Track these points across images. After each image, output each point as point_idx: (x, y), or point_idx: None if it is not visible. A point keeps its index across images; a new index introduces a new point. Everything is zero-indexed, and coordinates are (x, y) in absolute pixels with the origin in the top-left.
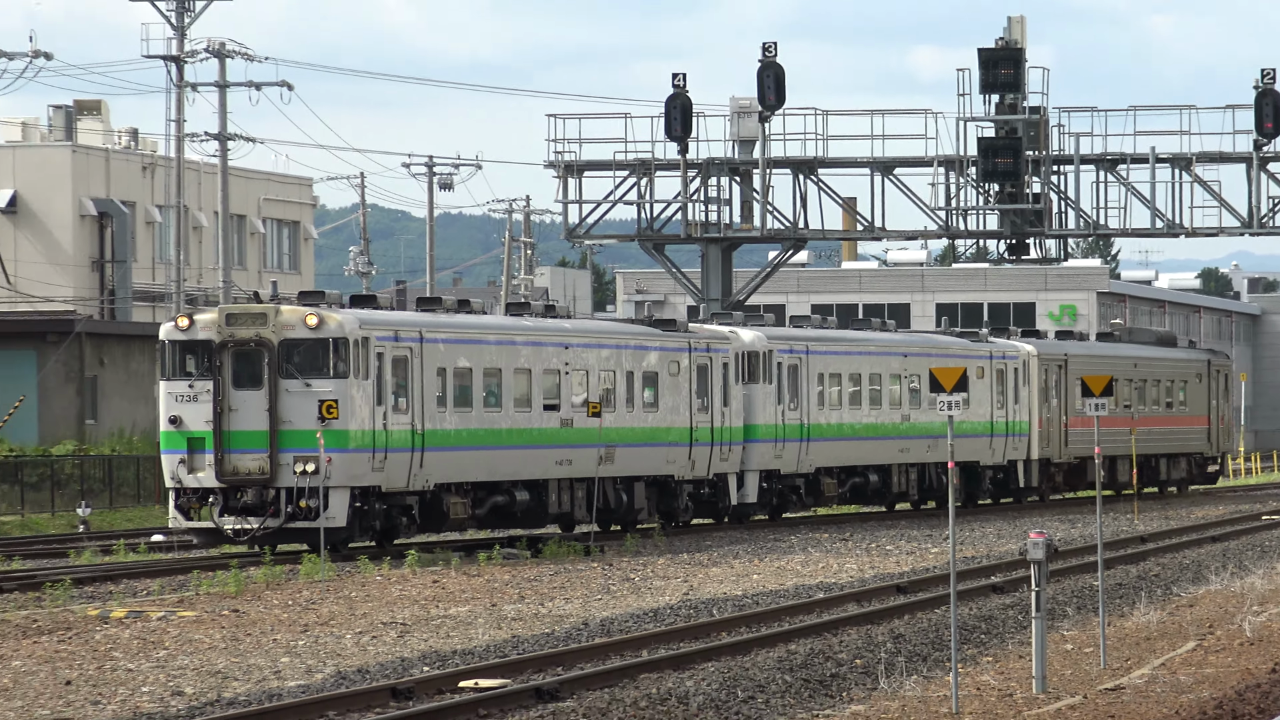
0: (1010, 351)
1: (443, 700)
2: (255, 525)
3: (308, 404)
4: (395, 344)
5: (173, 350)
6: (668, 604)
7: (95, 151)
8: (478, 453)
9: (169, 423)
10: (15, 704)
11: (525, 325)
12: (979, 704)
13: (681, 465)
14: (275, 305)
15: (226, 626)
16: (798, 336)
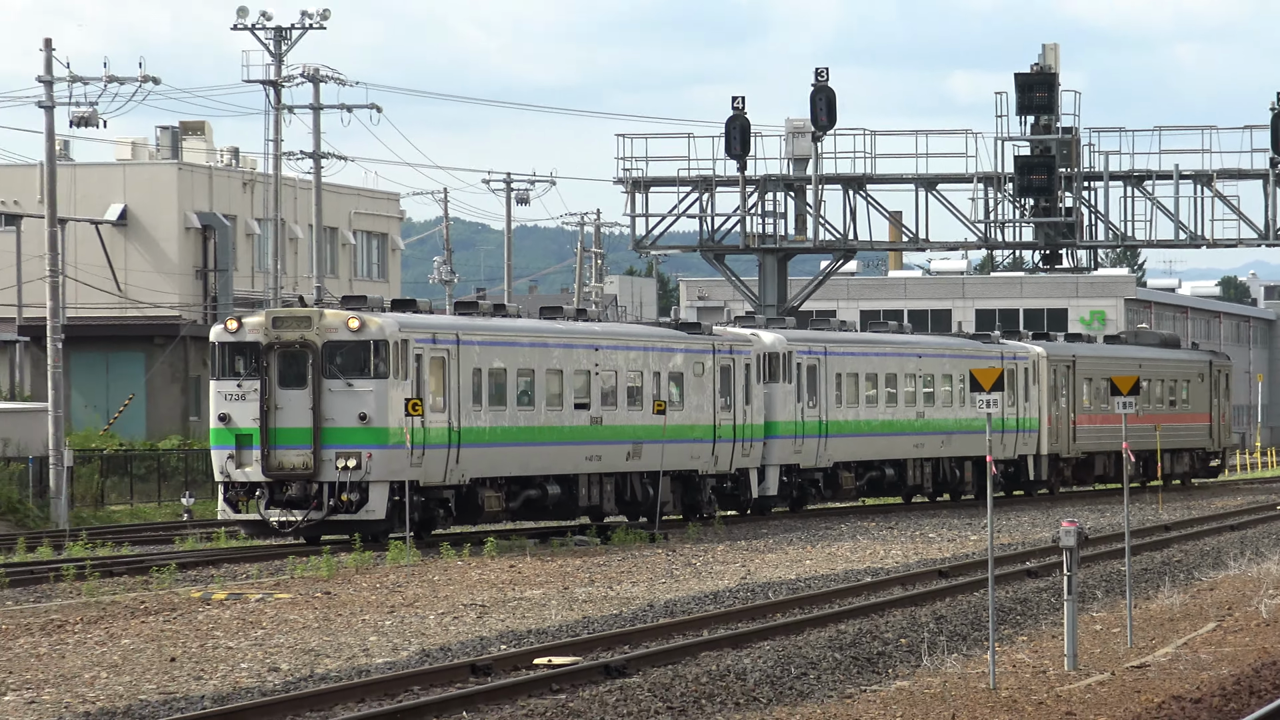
0: (1021, 353)
1: (518, 676)
2: (299, 518)
3: (350, 403)
4: (433, 346)
5: (222, 351)
6: (726, 587)
7: (199, 169)
8: (511, 449)
9: (218, 420)
10: (124, 679)
11: (557, 328)
12: (1015, 680)
13: (705, 460)
14: (319, 309)
15: (319, 608)
16: (816, 338)
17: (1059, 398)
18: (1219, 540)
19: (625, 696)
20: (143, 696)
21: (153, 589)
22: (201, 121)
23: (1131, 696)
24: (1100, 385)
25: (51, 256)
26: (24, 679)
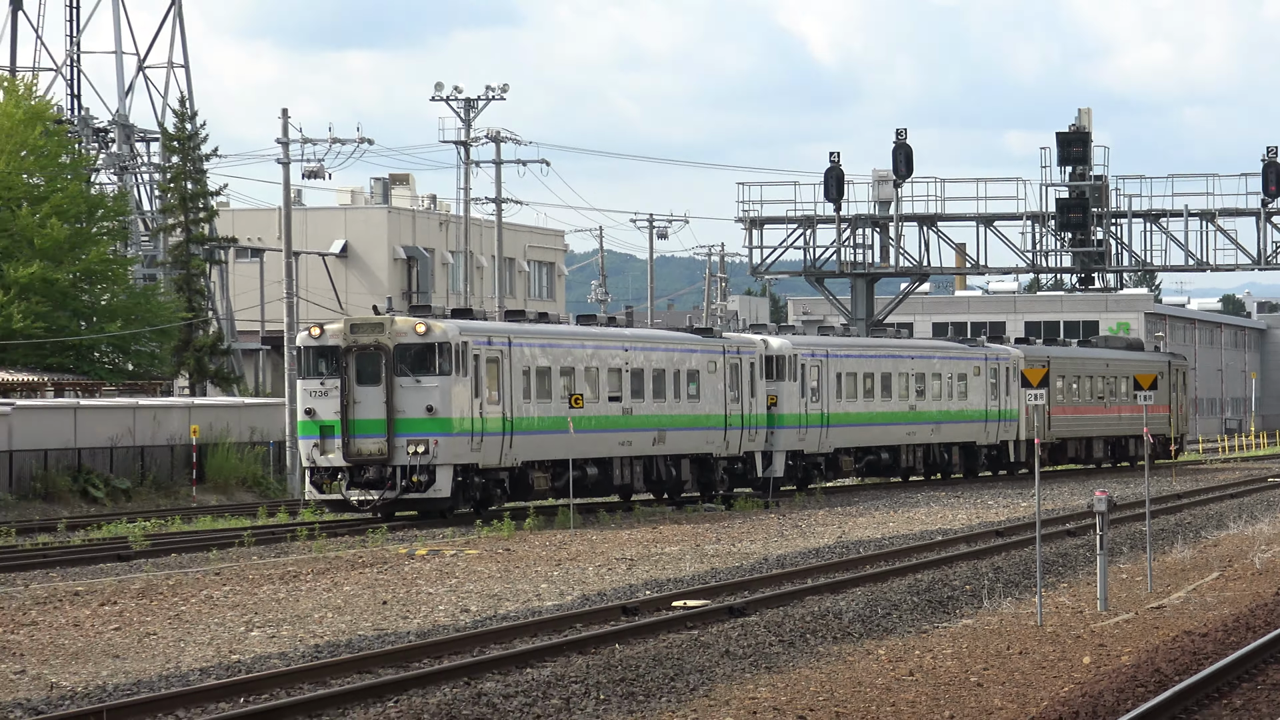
0: (1002, 354)
1: (660, 616)
2: (375, 497)
3: (418, 397)
4: (489, 347)
5: (307, 354)
6: (826, 544)
7: (404, 211)
8: (556, 435)
9: (304, 414)
10: (346, 618)
11: (593, 332)
12: (1057, 619)
13: (718, 445)
14: (391, 316)
15: (501, 561)
16: (819, 343)
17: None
18: (1221, 506)
19: (745, 632)
20: (360, 632)
21: (368, 546)
22: (406, 174)
23: (1151, 631)
24: (1071, 382)
25: (287, 282)
26: (267, 618)
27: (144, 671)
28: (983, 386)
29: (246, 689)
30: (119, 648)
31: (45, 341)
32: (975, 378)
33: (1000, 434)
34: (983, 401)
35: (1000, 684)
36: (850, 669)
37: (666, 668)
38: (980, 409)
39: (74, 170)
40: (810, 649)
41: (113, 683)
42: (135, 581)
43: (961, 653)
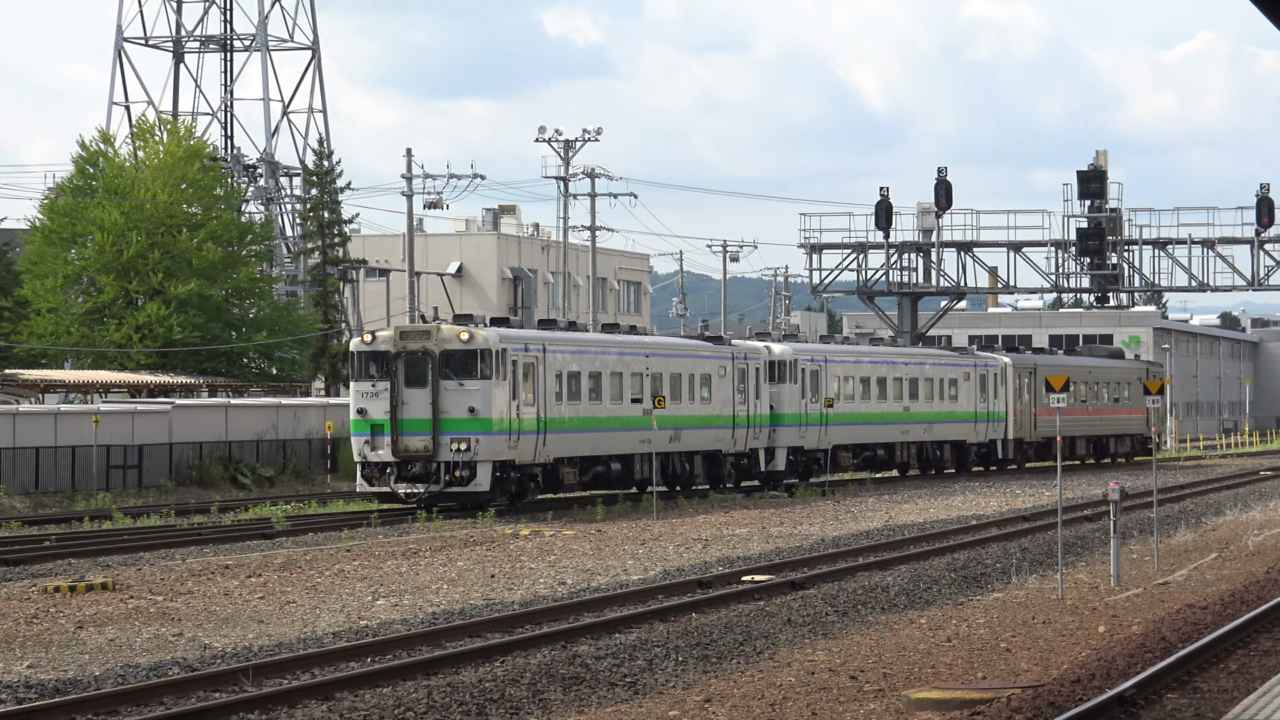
0: (991, 362)
1: (731, 589)
2: (421, 489)
3: (461, 398)
4: (525, 353)
5: (360, 359)
6: (875, 527)
7: (511, 238)
8: (584, 434)
9: (357, 413)
10: (459, 589)
11: (617, 340)
12: (1076, 593)
13: (726, 442)
14: (437, 324)
15: (593, 541)
16: (819, 350)
17: (1023, 396)
18: (1219, 496)
19: (805, 603)
20: (472, 601)
21: (478, 527)
22: (513, 205)
23: (1158, 604)
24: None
25: (410, 299)
26: (390, 589)
27: (284, 634)
28: (973, 390)
29: (373, 650)
30: (263, 614)
31: (201, 349)
32: (965, 382)
33: (989, 433)
34: (972, 404)
35: (1026, 649)
36: (896, 636)
37: (736, 634)
38: (970, 410)
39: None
40: (861, 618)
41: (257, 644)
42: (277, 557)
43: (992, 622)
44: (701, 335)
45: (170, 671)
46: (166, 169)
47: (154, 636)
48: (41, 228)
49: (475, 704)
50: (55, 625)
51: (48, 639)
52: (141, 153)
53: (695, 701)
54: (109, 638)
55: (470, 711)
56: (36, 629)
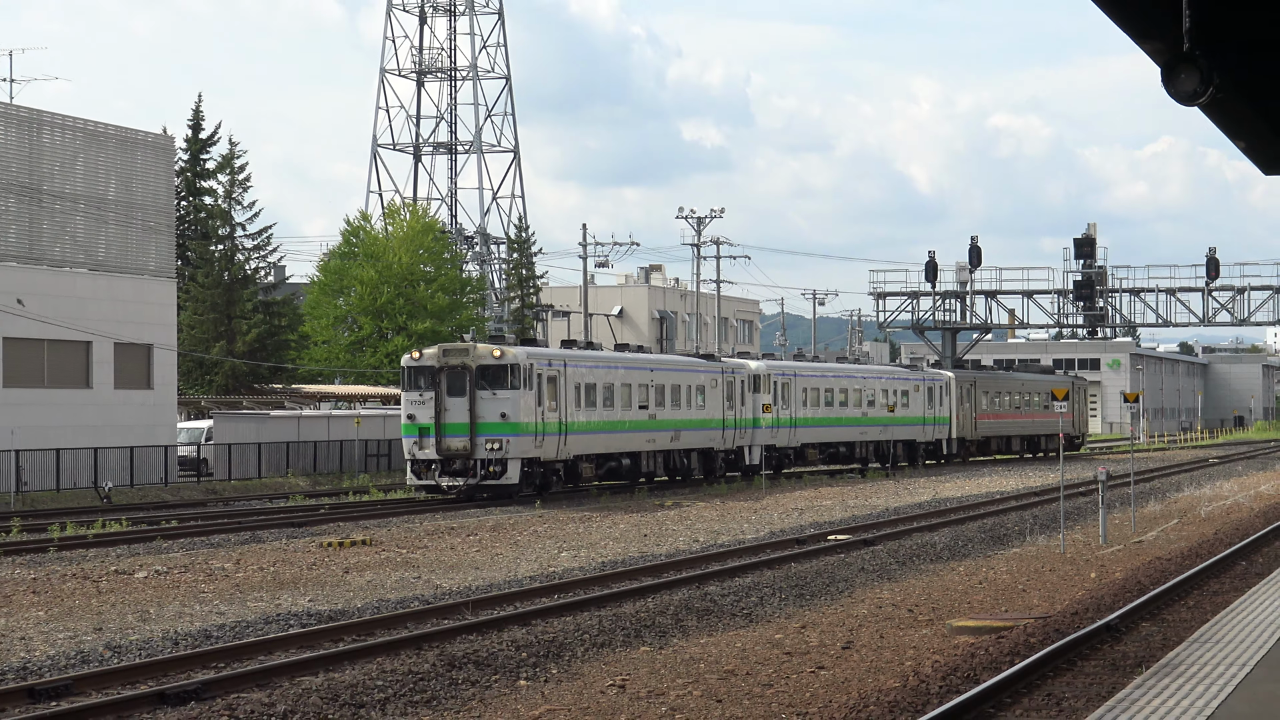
0: (938, 376)
1: (819, 545)
2: (461, 483)
3: (494, 406)
4: (549, 367)
5: (409, 373)
6: (925, 500)
7: (658, 288)
8: (599, 435)
9: (407, 418)
10: (619, 545)
11: (625, 357)
12: (1073, 548)
13: (717, 441)
14: (474, 344)
15: (718, 511)
16: (788, 366)
17: (964, 404)
18: (1179, 478)
19: (873, 555)
20: (630, 554)
21: (634, 499)
22: (660, 264)
23: (1135, 556)
24: (994, 396)
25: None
26: (571, 544)
27: (494, 578)
28: (921, 399)
29: (559, 589)
30: (478, 562)
31: None
32: (915, 393)
33: (935, 434)
34: (922, 411)
35: (1037, 589)
36: (941, 580)
37: (824, 578)
38: (920, 415)
39: (452, 262)
40: (915, 567)
41: (474, 585)
42: (489, 521)
43: (1012, 570)
44: (698, 353)
45: (412, 604)
46: (409, 239)
47: (400, 579)
48: (318, 282)
49: (634, 629)
50: (328, 571)
51: (323, 580)
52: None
53: (794, 627)
54: (367, 580)
55: (630, 636)
56: (315, 573)
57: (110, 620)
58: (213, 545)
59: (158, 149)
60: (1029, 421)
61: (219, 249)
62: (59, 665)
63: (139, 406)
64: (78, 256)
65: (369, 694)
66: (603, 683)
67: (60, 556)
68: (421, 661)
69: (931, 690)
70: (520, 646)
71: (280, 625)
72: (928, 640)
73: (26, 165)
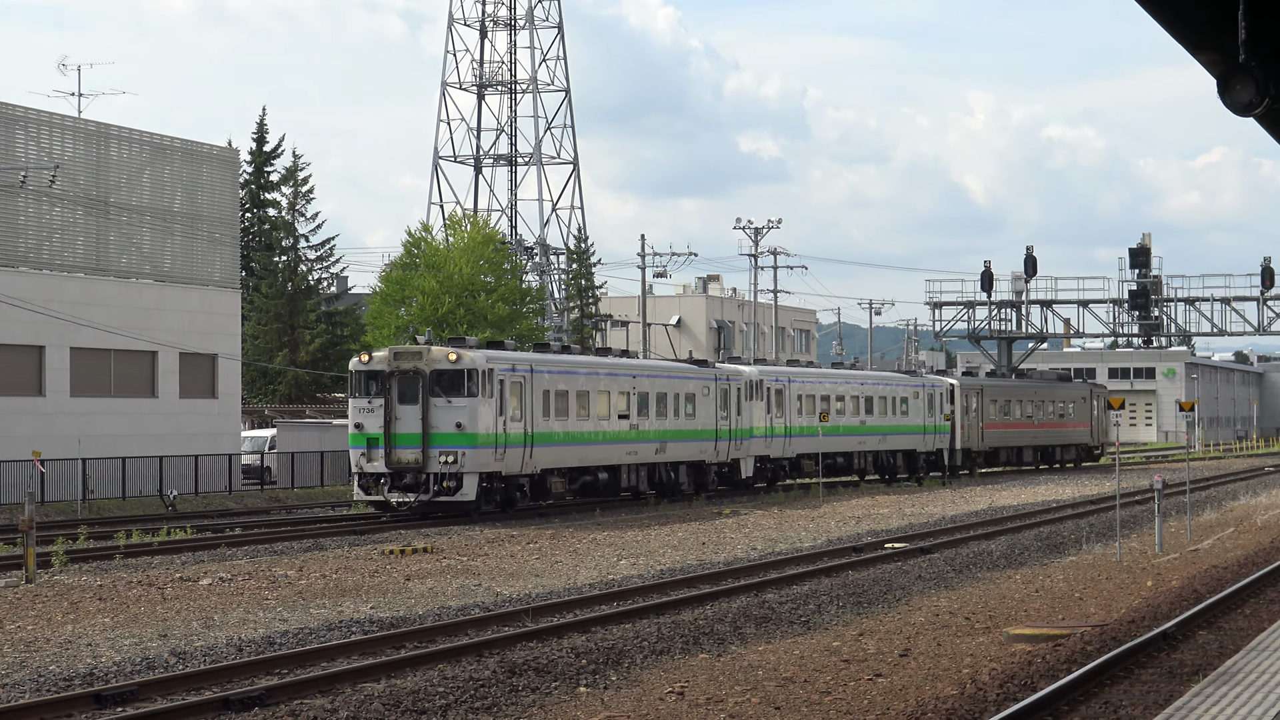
0: (938, 382)
1: (877, 553)
2: (412, 499)
3: (449, 415)
4: (512, 373)
5: (357, 377)
6: (981, 508)
7: (716, 298)
8: (571, 448)
9: (354, 427)
10: (679, 552)
11: (605, 362)
12: (1129, 556)
13: (709, 453)
14: (428, 346)
15: (776, 519)
16: (783, 372)
17: (970, 411)
18: (1235, 486)
19: (931, 563)
20: (689, 561)
21: (693, 508)
22: (718, 274)
23: (1191, 565)
24: (1003, 403)
25: (643, 344)
26: (630, 552)
27: (553, 585)
28: (922, 407)
29: (617, 597)
30: (538, 570)
31: None
32: (915, 400)
33: (936, 443)
34: (922, 419)
35: (1094, 598)
36: (998, 587)
37: (881, 586)
38: (920, 424)
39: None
40: (972, 575)
41: (534, 592)
42: (548, 529)
43: (1069, 578)
44: (691, 359)
45: (473, 611)
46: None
47: (460, 586)
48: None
49: (692, 636)
50: (390, 578)
51: (384, 588)
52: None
53: (851, 635)
54: (428, 587)
55: (689, 642)
56: (377, 580)
57: (175, 627)
58: (276, 553)
59: (223, 162)
60: (1043, 431)
61: (283, 260)
62: (125, 671)
63: (204, 415)
64: (144, 268)
65: (431, 700)
66: (662, 690)
67: (126, 564)
68: (482, 668)
69: (989, 698)
70: (580, 653)
71: (343, 632)
72: (985, 648)
73: (94, 178)
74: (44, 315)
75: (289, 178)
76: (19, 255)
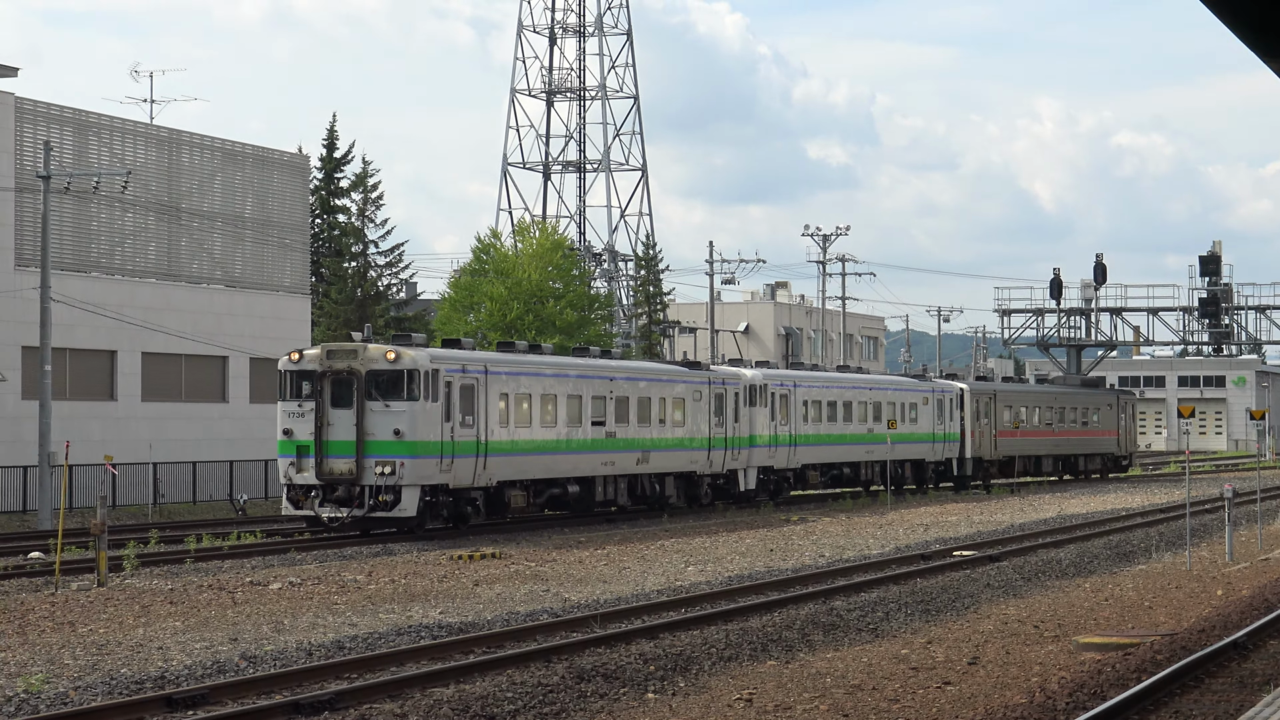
0: (948, 388)
1: (945, 561)
2: (345, 514)
3: (386, 420)
4: (462, 375)
5: (287, 378)
6: (1050, 516)
7: (784, 305)
8: (535, 457)
9: (283, 433)
10: (746, 559)
11: (577, 363)
12: (1199, 565)
13: (701, 463)
14: (364, 343)
15: (843, 526)
16: (788, 375)
17: (981, 419)
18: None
19: (999, 571)
20: (757, 568)
21: (760, 514)
22: (786, 281)
23: (1262, 574)
24: (1019, 410)
25: (711, 350)
26: (697, 559)
27: (621, 591)
28: (931, 413)
29: (685, 603)
30: (606, 576)
31: None
32: (924, 406)
33: (945, 452)
34: (930, 427)
35: (1163, 606)
36: (1067, 596)
37: (949, 594)
38: (929, 432)
39: (580, 279)
40: (1041, 583)
41: (602, 598)
42: (615, 536)
43: (1139, 586)
44: (684, 361)
45: (541, 617)
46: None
47: (529, 592)
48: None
49: (760, 643)
50: (458, 583)
51: (453, 593)
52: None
53: (920, 643)
54: (496, 592)
55: (757, 650)
56: (445, 585)
57: (245, 631)
58: (345, 557)
59: (293, 168)
60: (1064, 440)
61: (352, 265)
62: (196, 674)
63: (274, 420)
64: (215, 273)
65: (499, 705)
66: (729, 696)
67: (197, 568)
68: (551, 674)
69: (1058, 707)
70: (648, 660)
71: (411, 637)
72: (1054, 656)
73: (165, 184)
74: (116, 320)
75: (359, 184)
76: (92, 261)
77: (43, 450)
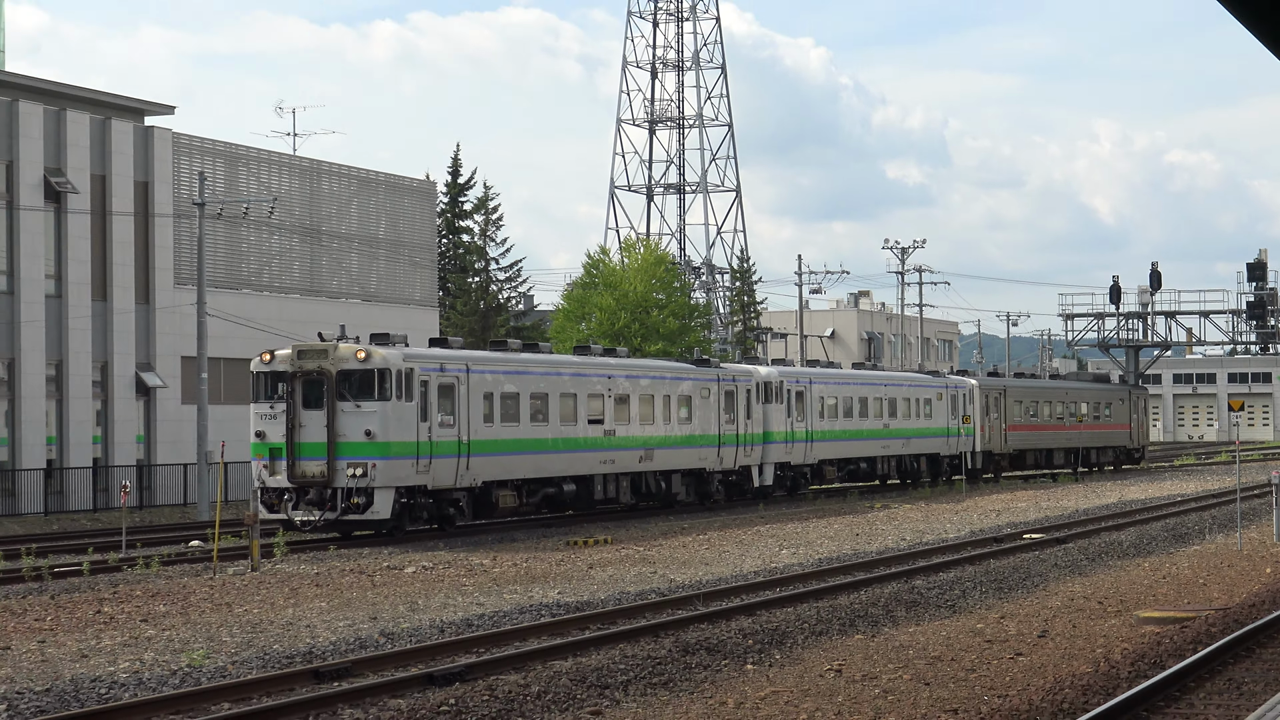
0: (961, 384)
1: (1015, 543)
2: (317, 517)
3: (358, 421)
4: (440, 374)
5: (259, 379)
6: (1111, 502)
7: (866, 312)
8: (524, 456)
9: (255, 435)
10: (834, 543)
11: (571, 360)
12: (1249, 546)
13: (710, 460)
14: (334, 343)
15: (923, 512)
16: (803, 373)
17: (991, 413)
18: None
19: (1065, 552)
20: (844, 551)
21: (847, 501)
22: (867, 290)
23: None
24: (1029, 405)
25: (800, 354)
26: (790, 543)
27: (721, 572)
28: (945, 408)
29: (780, 583)
30: (707, 559)
31: None
32: (939, 401)
33: (959, 447)
34: (945, 421)
35: (1217, 583)
36: (1128, 574)
37: (1020, 573)
38: (943, 427)
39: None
40: (1104, 563)
41: (704, 579)
42: (715, 523)
43: (1194, 565)
44: (695, 358)
45: (649, 596)
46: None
47: (638, 574)
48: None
49: (849, 619)
50: (574, 566)
51: (569, 575)
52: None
53: (994, 618)
54: (608, 574)
55: (845, 625)
56: (562, 569)
57: (383, 610)
58: (472, 544)
59: (422, 193)
60: (1075, 434)
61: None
62: (340, 650)
63: None
64: (352, 289)
65: (613, 676)
66: (821, 667)
67: (339, 554)
68: (659, 648)
69: (1121, 675)
70: (747, 634)
71: (533, 615)
72: (1117, 629)
73: (308, 209)
74: (264, 332)
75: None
76: (242, 279)
77: (200, 449)
